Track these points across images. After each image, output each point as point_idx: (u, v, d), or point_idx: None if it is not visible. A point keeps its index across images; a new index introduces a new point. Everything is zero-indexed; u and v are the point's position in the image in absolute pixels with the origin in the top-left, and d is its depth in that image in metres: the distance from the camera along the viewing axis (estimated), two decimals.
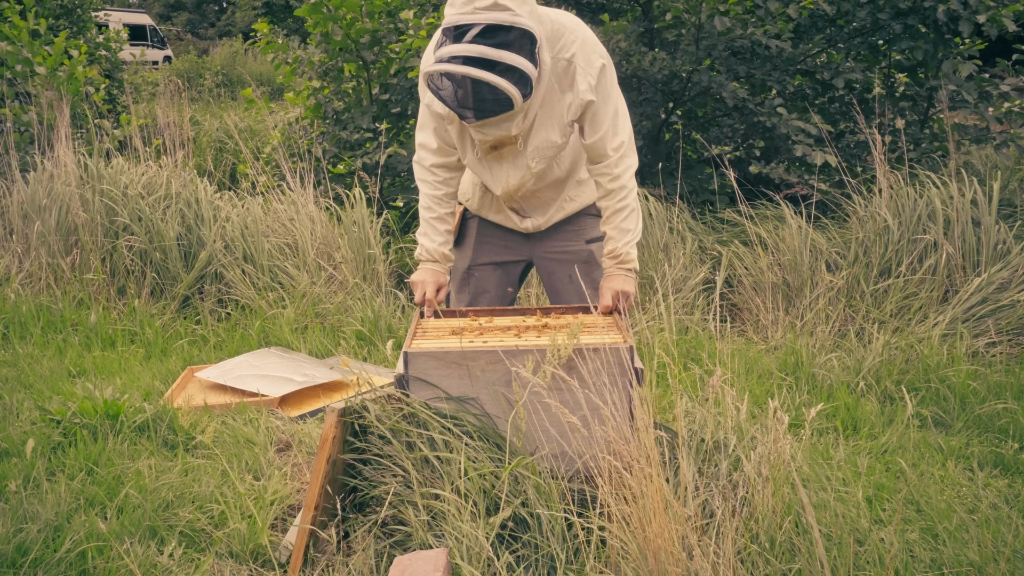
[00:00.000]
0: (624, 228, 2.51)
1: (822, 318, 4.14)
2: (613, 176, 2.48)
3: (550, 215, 2.68)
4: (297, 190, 5.19)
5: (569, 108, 2.40)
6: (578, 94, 2.38)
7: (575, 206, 2.69)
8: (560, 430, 2.19)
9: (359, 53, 5.92)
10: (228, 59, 18.95)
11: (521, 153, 2.47)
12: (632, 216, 2.52)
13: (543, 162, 2.49)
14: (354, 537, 2.21)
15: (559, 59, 2.36)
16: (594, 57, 2.38)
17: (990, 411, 3.27)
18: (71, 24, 10.63)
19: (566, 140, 2.48)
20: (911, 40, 5.45)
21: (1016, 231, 4.39)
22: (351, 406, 2.26)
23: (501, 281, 2.81)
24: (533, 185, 2.58)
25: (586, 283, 2.61)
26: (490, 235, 2.77)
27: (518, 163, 2.49)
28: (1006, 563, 2.16)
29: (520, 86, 2.20)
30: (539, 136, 2.44)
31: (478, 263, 2.78)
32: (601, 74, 2.39)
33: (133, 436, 3.03)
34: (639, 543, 1.91)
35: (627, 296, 2.53)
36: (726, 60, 5.61)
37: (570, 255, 2.71)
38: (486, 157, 2.51)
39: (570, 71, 2.37)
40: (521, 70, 2.18)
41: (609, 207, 2.52)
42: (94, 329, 4.36)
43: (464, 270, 2.80)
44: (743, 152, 6.26)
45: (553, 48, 2.35)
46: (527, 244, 2.77)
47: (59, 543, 2.35)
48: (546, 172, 2.57)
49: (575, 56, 2.36)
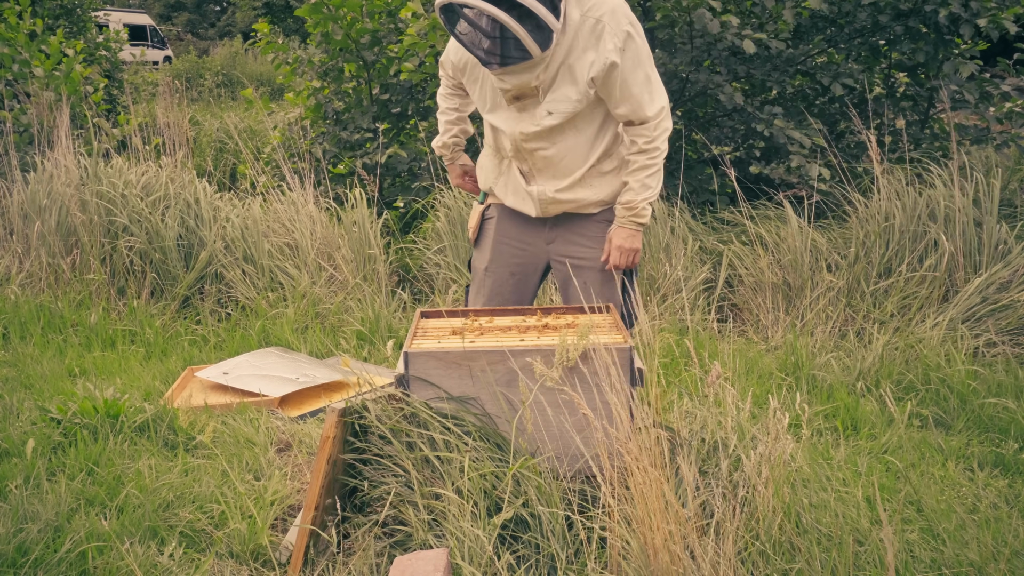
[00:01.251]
0: (647, 184, 2.53)
1: (822, 318, 4.14)
2: (650, 138, 2.49)
3: (560, 190, 2.60)
4: (297, 190, 5.20)
5: (592, 66, 2.39)
6: (602, 53, 2.38)
7: (591, 195, 2.62)
8: (561, 430, 2.19)
9: (359, 53, 5.92)
10: (228, 59, 18.96)
11: (539, 104, 2.47)
12: (657, 175, 2.54)
13: (557, 117, 2.46)
14: (354, 537, 2.21)
15: (588, 17, 2.37)
16: (623, 21, 2.40)
17: (990, 411, 3.27)
18: (71, 24, 10.63)
19: (582, 99, 2.45)
20: (912, 41, 5.44)
21: (1016, 231, 4.39)
22: (351, 406, 2.26)
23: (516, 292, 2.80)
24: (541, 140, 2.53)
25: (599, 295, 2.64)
26: (508, 235, 2.75)
27: (535, 113, 2.49)
28: (1006, 563, 2.16)
29: (537, 34, 2.22)
30: (557, 91, 2.44)
31: (495, 266, 2.77)
32: (628, 39, 2.40)
33: (133, 436, 3.03)
34: (640, 543, 1.91)
35: (636, 252, 2.57)
36: (726, 60, 5.61)
37: (586, 260, 2.68)
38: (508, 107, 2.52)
39: (597, 29, 2.37)
40: (540, 18, 2.20)
41: (638, 161, 2.52)
42: (94, 329, 4.36)
43: (482, 270, 2.80)
44: (743, 152, 6.26)
45: (583, 6, 2.37)
46: (544, 245, 2.73)
47: (59, 543, 2.35)
48: (559, 133, 2.52)
49: (604, 16, 2.37)
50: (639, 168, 2.52)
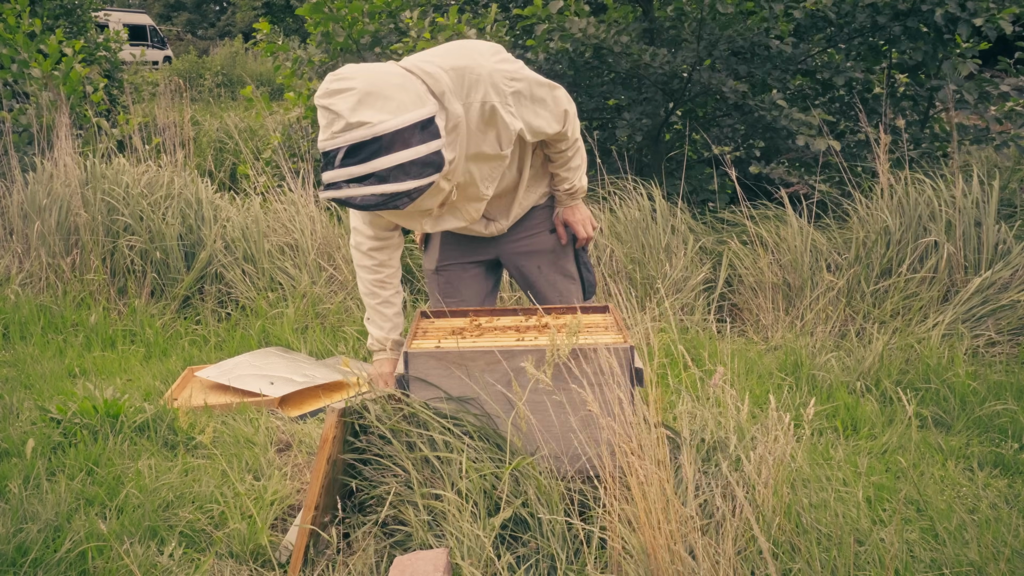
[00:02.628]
0: (573, 167, 2.59)
1: (822, 318, 4.14)
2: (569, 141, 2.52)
3: (513, 214, 2.65)
4: (297, 190, 5.20)
5: (500, 140, 2.31)
6: (504, 129, 2.28)
7: (533, 197, 2.68)
8: (561, 430, 2.19)
9: (360, 54, 5.92)
10: (228, 59, 18.95)
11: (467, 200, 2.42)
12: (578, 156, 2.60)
13: (494, 187, 2.43)
14: (354, 537, 2.21)
15: (471, 104, 2.21)
16: (503, 87, 2.25)
17: (990, 411, 3.27)
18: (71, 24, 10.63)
19: (501, 163, 2.38)
20: (911, 41, 5.44)
21: (1016, 231, 4.39)
22: (351, 406, 2.26)
23: (474, 283, 2.79)
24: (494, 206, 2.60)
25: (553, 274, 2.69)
26: (455, 238, 2.77)
27: (470, 195, 2.41)
28: (1006, 563, 2.16)
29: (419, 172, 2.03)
30: (480, 170, 2.35)
31: (445, 264, 2.77)
32: (517, 97, 2.29)
33: (133, 436, 3.03)
34: (640, 543, 1.91)
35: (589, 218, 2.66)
36: (726, 59, 5.61)
37: (535, 245, 2.72)
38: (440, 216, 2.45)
39: (486, 112, 2.24)
40: (409, 161, 2.00)
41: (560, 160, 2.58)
42: (94, 329, 4.36)
43: (432, 271, 2.80)
44: (743, 152, 6.26)
45: (462, 96, 2.19)
46: (492, 244, 2.76)
47: (59, 543, 2.35)
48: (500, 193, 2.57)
49: (487, 95, 2.22)
50: (565, 161, 2.58)
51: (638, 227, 4.79)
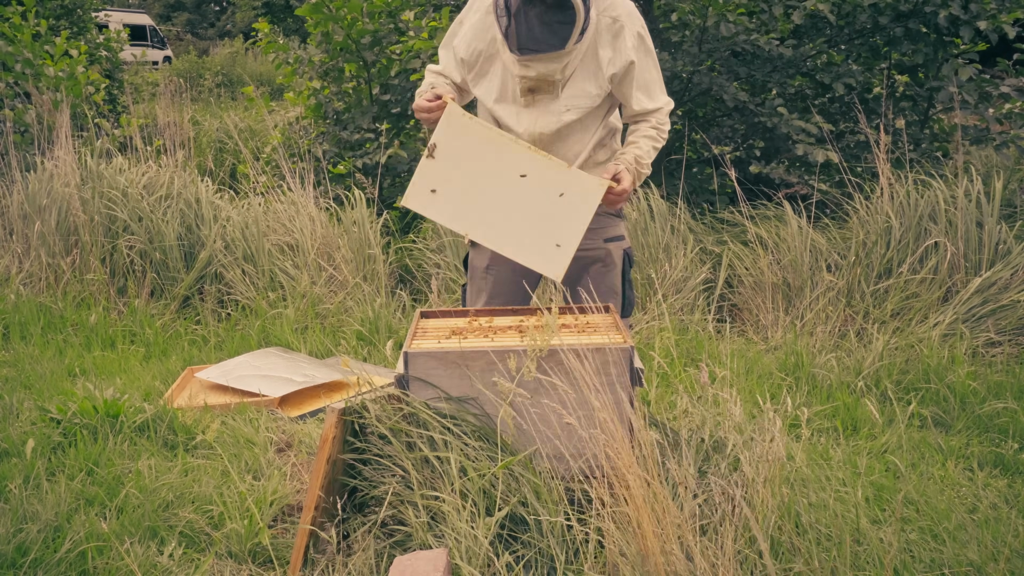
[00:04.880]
0: (650, 149, 2.63)
1: (822, 318, 4.14)
2: (658, 124, 2.63)
3: None
4: (297, 190, 5.20)
5: (610, 63, 2.49)
6: (620, 51, 2.49)
7: None
8: (560, 430, 2.19)
9: (360, 53, 5.92)
10: (228, 59, 18.94)
11: (556, 99, 2.53)
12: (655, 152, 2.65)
13: (576, 112, 2.54)
14: (354, 537, 2.21)
15: (605, 15, 2.48)
16: (637, 23, 2.53)
17: (990, 411, 3.27)
18: (71, 25, 10.63)
19: (601, 93, 2.54)
20: (912, 43, 5.44)
21: (1016, 231, 4.39)
22: (351, 406, 2.26)
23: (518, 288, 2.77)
24: (556, 140, 2.58)
25: (600, 284, 2.64)
26: None
27: (551, 109, 2.54)
28: (1006, 563, 2.16)
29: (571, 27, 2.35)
30: (576, 86, 2.52)
31: (497, 264, 2.74)
32: (641, 40, 2.53)
33: (133, 436, 3.03)
34: (638, 544, 1.91)
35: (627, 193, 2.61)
36: (727, 62, 5.61)
37: (588, 253, 2.68)
38: (520, 100, 2.55)
39: (615, 28, 2.49)
40: (579, 7, 2.34)
41: (644, 132, 2.62)
42: (94, 329, 4.36)
43: (483, 268, 2.78)
44: (743, 152, 6.26)
45: (599, 6, 2.48)
46: None
47: (59, 543, 2.35)
48: (571, 130, 2.58)
49: (621, 16, 2.50)
50: (647, 137, 2.62)
51: (638, 227, 4.79)
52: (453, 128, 2.47)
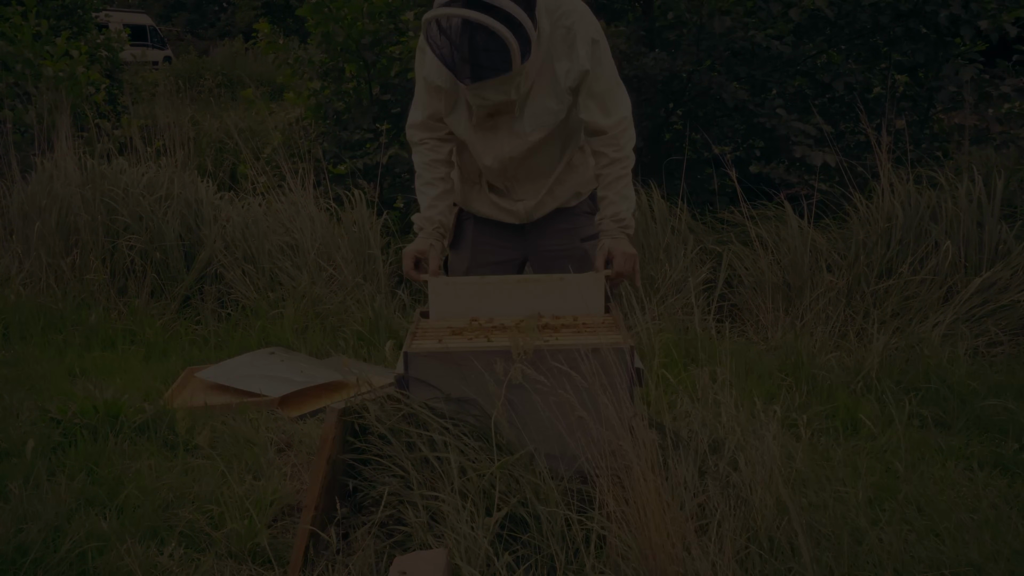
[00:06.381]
0: (625, 195, 2.53)
1: (822, 318, 4.13)
2: (617, 147, 2.49)
3: (540, 198, 2.64)
4: (297, 190, 5.19)
5: (568, 75, 2.42)
6: (576, 61, 2.40)
7: (565, 192, 2.67)
8: (559, 430, 2.19)
9: (360, 53, 5.92)
10: (228, 59, 18.93)
11: (518, 120, 2.48)
12: (630, 185, 2.55)
13: (542, 131, 2.48)
14: (354, 537, 2.21)
15: (558, 26, 2.39)
16: (591, 29, 2.43)
17: (990, 411, 3.27)
18: (72, 25, 10.63)
19: (563, 108, 2.48)
20: (912, 43, 5.44)
21: (1016, 231, 4.38)
22: (351, 406, 2.26)
23: None
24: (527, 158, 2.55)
25: None
26: (486, 234, 2.76)
27: (515, 131, 2.49)
28: (1006, 563, 2.16)
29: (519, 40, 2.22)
30: (536, 103, 2.45)
31: (476, 264, 2.76)
32: (595, 47, 2.43)
33: (133, 436, 3.03)
34: (639, 543, 1.91)
35: (635, 258, 2.55)
36: (726, 61, 5.61)
37: (565, 253, 2.70)
38: (482, 126, 2.50)
39: (569, 38, 2.40)
40: (521, 24, 2.21)
41: (611, 174, 2.52)
42: (94, 329, 4.36)
43: (463, 273, 2.79)
44: (743, 152, 6.26)
45: (552, 16, 2.39)
46: (522, 241, 2.75)
47: (59, 543, 2.35)
48: (540, 146, 2.54)
49: (575, 24, 2.40)
50: (615, 180, 2.52)
51: (638, 227, 4.78)
52: (443, 296, 2.53)
